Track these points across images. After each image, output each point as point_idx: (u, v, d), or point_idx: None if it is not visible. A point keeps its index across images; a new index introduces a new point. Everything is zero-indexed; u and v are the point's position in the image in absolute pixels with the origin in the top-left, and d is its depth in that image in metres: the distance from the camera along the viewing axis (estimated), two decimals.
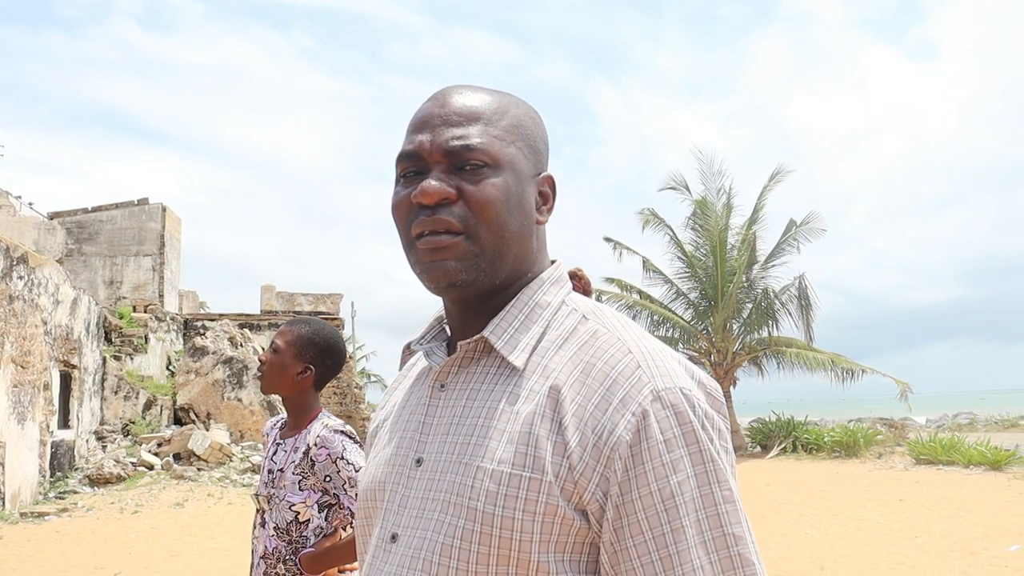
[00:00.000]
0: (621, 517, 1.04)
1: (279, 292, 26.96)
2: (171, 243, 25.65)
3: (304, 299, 26.92)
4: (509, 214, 1.16)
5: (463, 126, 1.17)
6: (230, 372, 20.22)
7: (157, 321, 22.59)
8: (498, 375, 1.17)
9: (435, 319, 1.33)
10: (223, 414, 20.01)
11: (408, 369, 1.42)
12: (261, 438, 3.30)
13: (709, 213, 25.95)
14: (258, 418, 19.82)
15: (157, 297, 24.68)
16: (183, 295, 27.96)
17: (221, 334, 21.04)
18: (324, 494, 2.83)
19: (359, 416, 27.33)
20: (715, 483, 1.06)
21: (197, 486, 16.29)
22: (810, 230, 25.97)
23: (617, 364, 1.09)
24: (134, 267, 25.07)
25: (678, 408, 1.06)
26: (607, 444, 1.05)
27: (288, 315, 26.18)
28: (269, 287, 26.91)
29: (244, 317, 25.40)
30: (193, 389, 20.16)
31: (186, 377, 20.34)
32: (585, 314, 1.19)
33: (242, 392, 20.06)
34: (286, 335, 2.97)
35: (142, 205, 25.41)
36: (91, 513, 13.94)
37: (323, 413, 2.96)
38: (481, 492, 1.08)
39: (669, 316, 26.47)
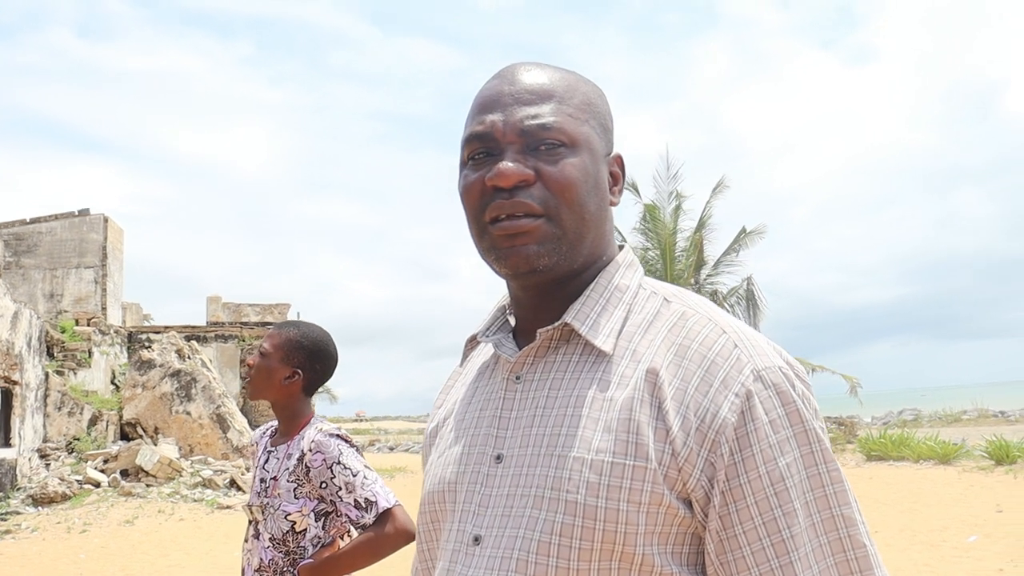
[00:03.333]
0: (728, 503, 0.99)
1: (225, 303, 26.60)
2: (113, 254, 25.09)
3: (251, 310, 26.59)
4: (588, 195, 1.11)
5: (536, 104, 1.11)
6: (178, 385, 19.78)
7: (101, 334, 22.08)
8: (582, 362, 1.11)
9: (497, 309, 1.26)
10: (172, 428, 19.58)
11: (466, 364, 1.34)
12: (250, 447, 3.15)
13: (658, 217, 26.05)
14: (207, 432, 19.43)
15: (100, 310, 24.11)
16: (126, 307, 27.39)
17: (168, 346, 20.61)
18: (320, 502, 2.70)
19: None
20: (822, 463, 1.01)
21: (147, 503, 15.92)
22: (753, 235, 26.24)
23: (713, 345, 1.05)
24: (75, 279, 24.47)
25: (780, 388, 1.02)
26: (711, 427, 1.00)
27: (235, 326, 25.83)
28: (215, 298, 26.52)
29: (191, 329, 24.99)
30: (140, 403, 19.70)
31: (132, 391, 19.87)
32: (666, 296, 1.14)
33: (191, 405, 19.63)
34: (274, 338, 2.85)
35: (83, 216, 24.84)
36: (36, 534, 13.54)
37: (316, 418, 2.84)
38: (581, 484, 1.01)
39: None
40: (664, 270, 25.88)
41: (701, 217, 26.44)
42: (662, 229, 25.76)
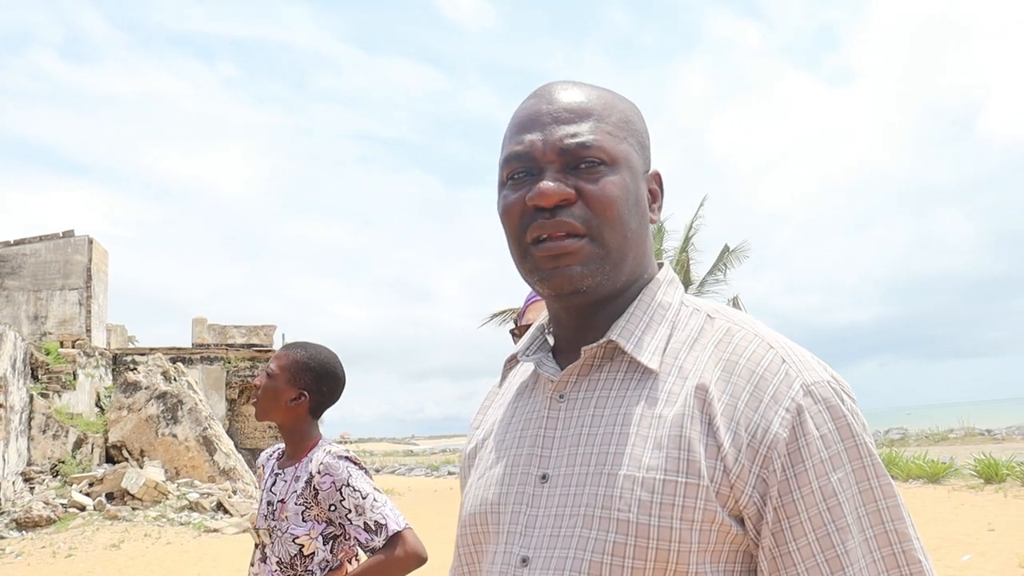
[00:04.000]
0: (781, 520, 0.99)
1: (211, 325, 26.46)
2: (98, 276, 24.92)
3: (237, 331, 26.45)
4: (629, 213, 1.11)
5: (575, 123, 1.11)
6: (164, 407, 19.61)
7: (85, 356, 21.89)
8: (628, 379, 1.10)
9: (536, 328, 1.25)
10: (158, 451, 19.39)
11: (504, 384, 1.33)
12: (257, 470, 3.12)
13: None
14: (194, 454, 19.26)
15: (84, 332, 23.92)
16: (111, 329, 27.18)
17: (154, 368, 20.45)
18: (329, 525, 2.67)
19: None
20: (874, 477, 1.01)
21: (132, 526, 15.75)
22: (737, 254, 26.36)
23: (761, 360, 1.04)
24: (60, 301, 24.27)
25: (830, 402, 1.01)
26: (763, 443, 0.99)
27: (221, 348, 25.68)
28: (201, 320, 26.39)
29: (176, 351, 24.82)
30: (126, 426, 19.52)
31: (118, 413, 19.68)
32: (709, 313, 1.14)
33: (177, 428, 19.46)
34: (281, 359, 2.83)
35: (67, 237, 24.67)
36: (20, 559, 13.37)
37: (324, 440, 2.81)
38: (632, 502, 1.00)
39: None
40: None
41: (685, 237, 26.53)
42: None
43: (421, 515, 16.48)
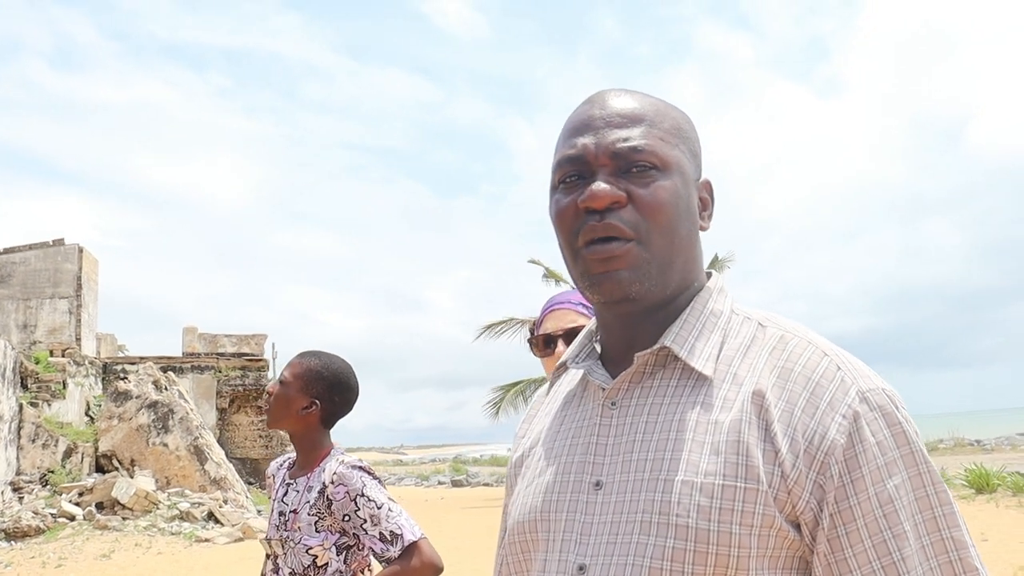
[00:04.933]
0: (837, 526, 0.99)
1: (201, 334, 26.36)
2: (88, 285, 24.81)
3: (227, 340, 26.36)
4: (679, 218, 1.12)
5: (627, 127, 1.12)
6: (155, 416, 19.49)
7: (75, 365, 21.77)
8: (681, 386, 1.11)
9: (584, 336, 1.25)
10: (148, 460, 19.27)
11: (552, 392, 1.33)
12: (268, 480, 3.11)
13: None
14: (185, 464, 19.16)
15: (74, 341, 23.79)
16: (101, 338, 27.06)
17: (144, 377, 20.34)
18: (342, 535, 2.65)
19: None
20: (930, 484, 1.01)
21: (123, 536, 15.63)
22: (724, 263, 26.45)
23: (817, 367, 1.05)
24: (49, 310, 24.14)
25: (886, 409, 1.02)
26: (820, 449, 1.00)
27: (211, 357, 25.59)
28: (191, 329, 26.28)
29: (166, 360, 24.70)
30: (116, 435, 19.40)
31: (108, 423, 19.56)
32: (760, 321, 1.15)
33: (168, 437, 19.34)
34: (294, 367, 2.81)
35: (57, 246, 24.56)
36: (10, 569, 13.25)
37: (336, 449, 2.79)
38: (691, 507, 1.01)
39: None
40: None
41: None
42: None
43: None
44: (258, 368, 26.27)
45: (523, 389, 26.60)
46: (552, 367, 2.25)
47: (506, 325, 26.21)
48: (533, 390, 26.69)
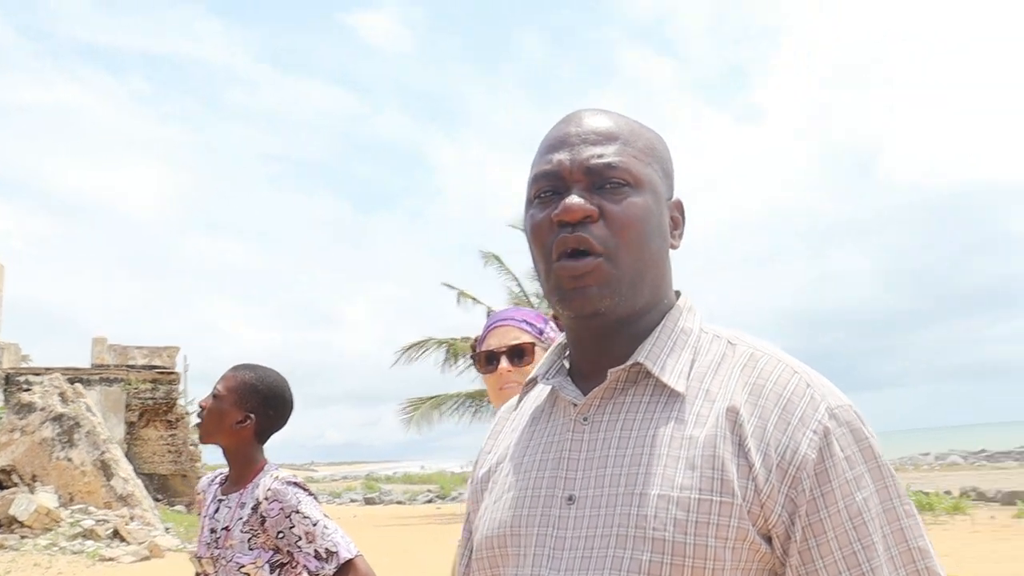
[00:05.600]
0: (809, 538, 1.03)
1: (111, 345, 25.72)
2: None
3: (138, 352, 25.79)
4: (649, 235, 1.14)
5: (602, 145, 1.15)
6: (60, 430, 18.84)
7: None
8: (654, 402, 1.13)
9: (554, 352, 1.26)
10: (51, 475, 18.61)
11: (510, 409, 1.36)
12: (197, 496, 3.03)
13: None
14: (90, 479, 18.56)
15: None
16: (4, 347, 26.11)
17: (51, 389, 19.67)
18: (276, 552, 2.58)
19: (194, 475, 26.16)
20: (896, 497, 1.06)
21: (20, 556, 15.06)
22: None
23: (788, 384, 1.08)
24: None
25: (853, 425, 1.06)
26: (792, 463, 1.03)
27: (121, 369, 24.94)
28: (101, 339, 25.60)
29: (73, 371, 23.97)
30: (17, 449, 18.70)
31: (9, 436, 18.84)
32: (729, 339, 1.18)
33: (73, 451, 18.71)
34: (228, 380, 2.74)
35: None
36: None
37: (270, 465, 2.73)
38: (668, 521, 1.03)
39: None
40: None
41: None
42: None
43: None
44: (169, 381, 25.72)
45: (438, 404, 26.49)
46: (495, 383, 2.25)
47: (424, 346, 26.09)
48: (449, 406, 26.60)
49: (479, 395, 26.62)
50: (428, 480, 52.49)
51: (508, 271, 26.91)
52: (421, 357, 26.13)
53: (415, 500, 37.66)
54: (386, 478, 61.39)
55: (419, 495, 38.81)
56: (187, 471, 25.92)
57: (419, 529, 22.52)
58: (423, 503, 36.14)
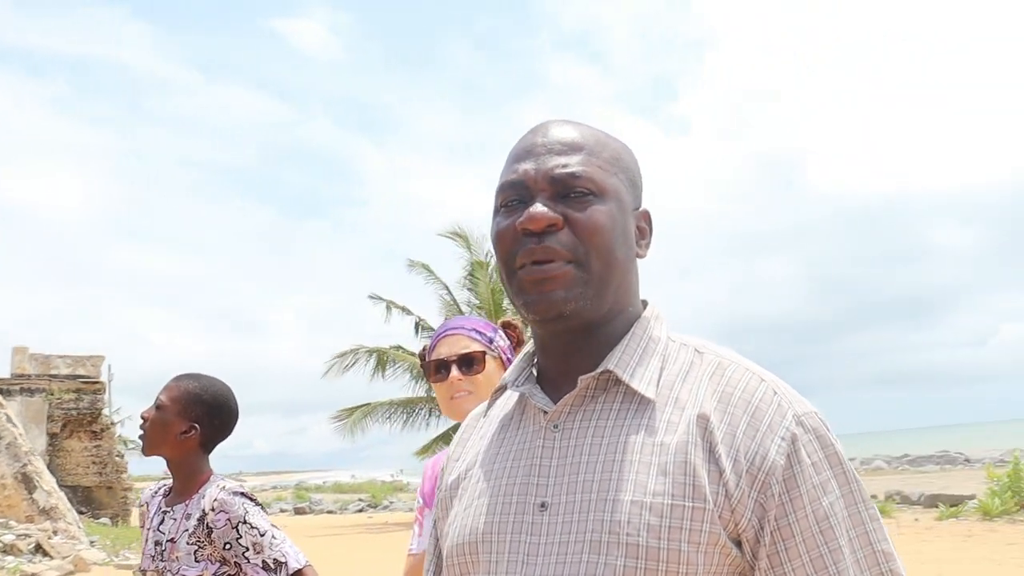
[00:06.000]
0: (777, 542, 1.05)
1: (32, 354, 24.98)
2: None
3: (61, 361, 25.11)
4: (616, 242, 1.15)
5: (567, 155, 1.16)
6: None
7: None
8: (624, 409, 1.14)
9: (523, 359, 1.27)
10: None
11: (478, 416, 1.36)
12: (141, 508, 2.98)
13: (483, 275, 26.17)
14: (11, 492, 18.04)
15: None
16: None
17: None
18: (223, 564, 2.56)
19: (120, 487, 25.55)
20: (861, 502, 1.08)
21: None
22: None
23: (755, 392, 1.10)
24: None
25: (819, 431, 1.09)
26: (761, 469, 1.05)
27: (43, 379, 24.28)
28: (21, 349, 24.87)
29: None
30: None
31: None
32: (697, 348, 1.19)
33: None
34: (171, 391, 2.70)
35: None
36: None
37: (216, 475, 2.70)
38: (641, 526, 1.04)
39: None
40: None
41: None
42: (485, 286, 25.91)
43: None
44: (94, 391, 25.11)
45: (369, 412, 26.25)
46: (446, 392, 2.27)
47: (355, 354, 25.85)
48: (380, 414, 26.38)
49: (410, 403, 26.48)
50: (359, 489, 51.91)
51: (438, 279, 26.80)
52: (351, 366, 25.89)
53: (346, 509, 37.27)
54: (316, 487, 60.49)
55: (350, 504, 38.43)
56: (112, 483, 25.33)
57: (351, 538, 22.33)
58: (354, 512, 35.79)
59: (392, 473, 73.00)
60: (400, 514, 31.97)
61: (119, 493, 25.46)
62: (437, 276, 26.81)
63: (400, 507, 35.46)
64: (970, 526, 16.62)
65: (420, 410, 26.67)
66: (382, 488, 47.06)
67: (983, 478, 19.82)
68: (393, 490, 46.85)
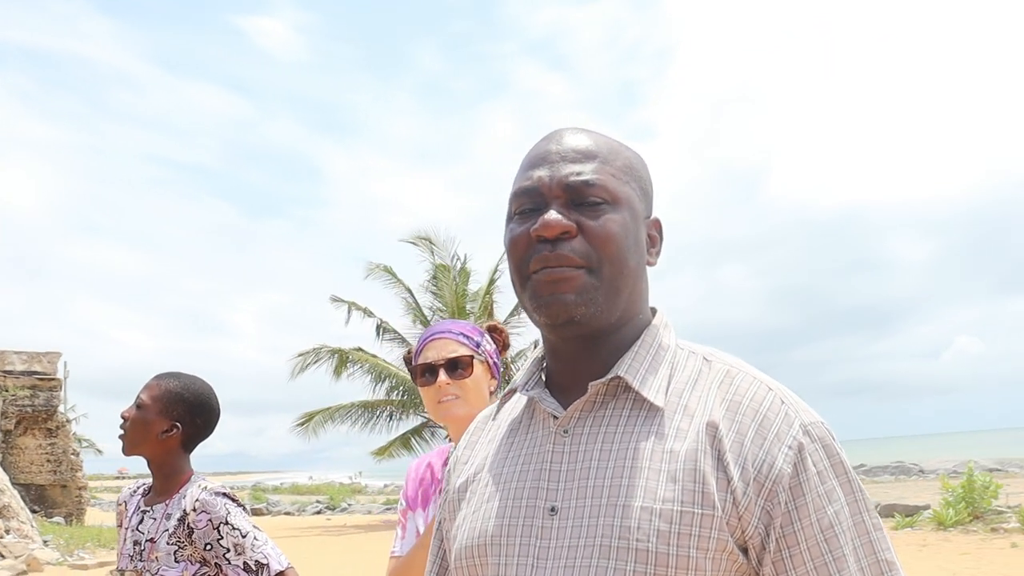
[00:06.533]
0: (782, 549, 1.06)
1: None
2: None
3: (17, 357, 24.71)
4: (628, 250, 1.16)
5: (581, 163, 1.17)
6: None
7: None
8: (634, 416, 1.15)
9: (533, 363, 1.28)
10: None
11: (487, 419, 1.37)
12: (118, 507, 2.93)
13: (447, 279, 26.12)
14: None
15: None
16: None
17: None
18: (203, 565, 2.53)
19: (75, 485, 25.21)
20: (865, 511, 1.10)
21: None
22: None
23: (763, 401, 1.12)
24: None
25: (825, 441, 1.11)
26: (768, 477, 1.07)
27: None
28: None
29: None
30: None
31: None
32: (705, 356, 1.21)
33: None
34: (152, 389, 2.67)
35: None
36: None
37: (197, 475, 2.67)
38: (651, 532, 1.06)
39: (404, 379, 25.76)
40: None
41: (490, 279, 26.72)
42: (449, 290, 25.88)
43: None
44: (50, 388, 24.74)
45: (331, 415, 26.10)
46: (433, 396, 2.28)
47: (318, 354, 25.67)
48: (343, 415, 26.21)
49: (371, 406, 26.35)
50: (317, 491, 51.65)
51: (400, 282, 26.67)
52: (311, 366, 25.69)
53: (304, 511, 37.02)
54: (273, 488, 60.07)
55: (308, 506, 38.21)
56: (67, 481, 24.98)
57: (309, 540, 22.19)
58: (312, 514, 35.59)
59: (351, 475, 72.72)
60: (359, 516, 31.83)
61: (74, 492, 25.13)
62: (399, 279, 26.70)
63: (359, 510, 35.32)
64: (925, 536, 16.86)
65: (381, 413, 26.56)
66: (340, 490, 46.84)
67: (937, 489, 20.13)
68: (352, 492, 46.68)
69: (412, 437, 26.92)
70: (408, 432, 26.93)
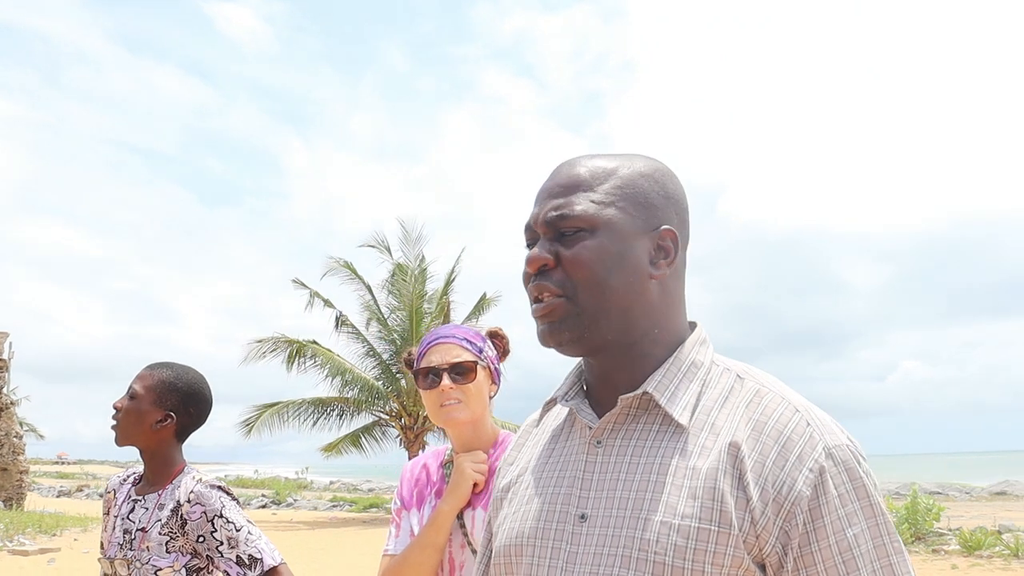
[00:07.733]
0: (800, 569, 1.10)
1: None
2: None
3: None
4: (607, 272, 1.22)
5: (561, 196, 1.26)
6: None
7: None
8: (662, 432, 1.21)
9: (574, 374, 1.36)
10: None
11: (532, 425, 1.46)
12: (106, 495, 2.89)
13: (406, 279, 25.99)
14: None
15: None
16: None
17: None
18: (194, 557, 2.52)
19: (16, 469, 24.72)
20: (886, 535, 1.12)
21: None
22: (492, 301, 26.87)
23: (788, 422, 1.16)
24: None
25: (848, 464, 1.13)
26: (787, 499, 1.10)
27: None
28: None
29: None
30: None
31: None
32: (739, 373, 1.26)
33: None
34: (145, 379, 2.65)
35: None
36: None
37: (190, 466, 2.66)
38: (669, 547, 1.11)
39: (359, 376, 25.74)
40: (411, 330, 25.81)
41: (447, 281, 26.63)
42: (408, 290, 25.74)
43: None
44: None
45: (281, 410, 25.73)
46: (436, 400, 2.29)
47: (276, 343, 25.30)
48: (293, 412, 25.85)
49: (323, 403, 26.04)
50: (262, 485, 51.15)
51: (359, 279, 26.46)
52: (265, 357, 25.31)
53: (249, 504, 36.56)
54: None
55: (253, 500, 37.84)
56: (8, 464, 24.51)
57: None
58: (257, 508, 35.25)
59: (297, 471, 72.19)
60: (305, 512, 31.58)
61: (15, 476, 24.65)
62: (359, 276, 26.51)
63: (304, 505, 35.02)
64: None
65: (332, 410, 26.30)
66: (287, 485, 46.51)
67: None
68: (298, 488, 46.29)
69: (362, 435, 26.75)
70: (359, 430, 26.72)
